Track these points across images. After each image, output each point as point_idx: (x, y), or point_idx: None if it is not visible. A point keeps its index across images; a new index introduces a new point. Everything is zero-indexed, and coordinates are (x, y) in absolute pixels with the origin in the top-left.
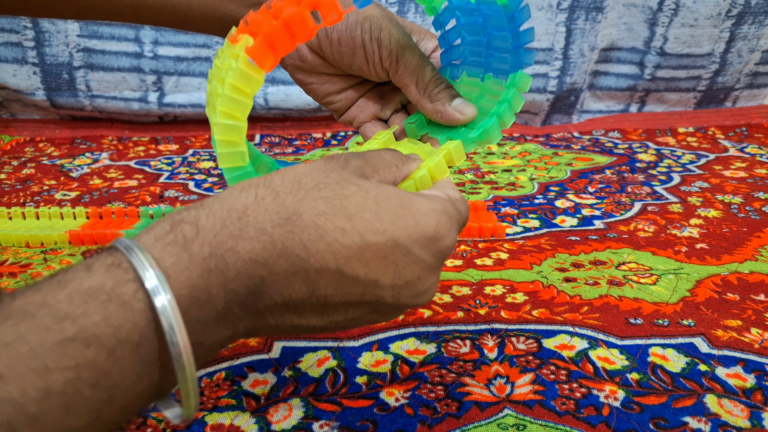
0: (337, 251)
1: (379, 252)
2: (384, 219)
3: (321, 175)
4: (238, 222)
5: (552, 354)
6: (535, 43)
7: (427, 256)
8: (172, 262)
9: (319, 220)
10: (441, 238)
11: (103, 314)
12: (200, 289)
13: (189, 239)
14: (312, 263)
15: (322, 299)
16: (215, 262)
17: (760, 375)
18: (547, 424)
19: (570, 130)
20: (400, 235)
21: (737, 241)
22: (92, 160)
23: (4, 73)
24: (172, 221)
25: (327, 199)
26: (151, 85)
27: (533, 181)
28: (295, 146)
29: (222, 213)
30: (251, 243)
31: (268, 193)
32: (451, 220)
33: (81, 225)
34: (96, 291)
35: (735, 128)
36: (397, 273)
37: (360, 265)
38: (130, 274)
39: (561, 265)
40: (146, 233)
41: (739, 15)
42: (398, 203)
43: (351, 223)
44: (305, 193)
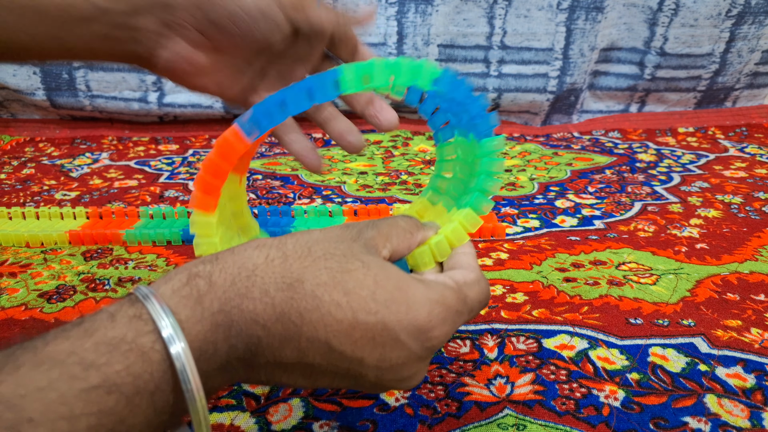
0: (328, 324)
1: (368, 332)
2: (378, 300)
3: (331, 245)
4: (246, 281)
5: (552, 354)
6: (535, 42)
7: (415, 346)
8: (187, 315)
9: (318, 291)
10: (431, 330)
11: (124, 364)
12: (209, 342)
13: (202, 294)
14: (304, 332)
15: (310, 366)
16: (223, 318)
17: (760, 375)
18: (547, 424)
19: (570, 130)
20: (391, 320)
21: (737, 241)
22: (92, 160)
23: (4, 73)
24: (189, 274)
25: (330, 271)
26: (151, 85)
27: (533, 181)
28: None
29: (234, 270)
30: (254, 303)
31: (278, 256)
32: (446, 311)
33: (81, 225)
34: (119, 341)
35: (735, 128)
36: (382, 356)
37: (348, 341)
38: (149, 325)
39: (561, 265)
40: (164, 284)
41: (739, 15)
42: (396, 286)
43: (347, 298)
44: (312, 261)
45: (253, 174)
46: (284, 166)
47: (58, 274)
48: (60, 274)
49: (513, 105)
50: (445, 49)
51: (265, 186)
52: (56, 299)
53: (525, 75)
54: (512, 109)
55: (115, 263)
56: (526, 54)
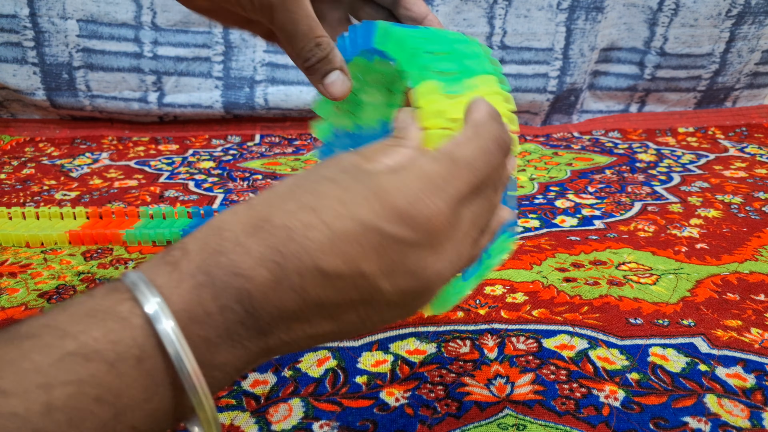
0: (309, 249)
1: (351, 239)
2: (346, 202)
3: (299, 178)
4: (217, 237)
5: (552, 354)
6: (535, 42)
7: (405, 231)
8: (164, 281)
9: (287, 220)
10: (416, 207)
11: (102, 330)
12: (195, 303)
13: (177, 260)
14: (289, 267)
15: (319, 302)
16: (203, 278)
17: (760, 375)
18: (547, 424)
19: (570, 130)
20: (366, 216)
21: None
22: (92, 160)
23: (4, 73)
24: (165, 250)
25: (296, 199)
26: (151, 85)
27: (533, 181)
28: (295, 146)
29: (204, 232)
30: (230, 256)
31: (244, 206)
32: (428, 181)
33: (81, 225)
34: (95, 310)
35: (735, 128)
36: (380, 258)
37: (337, 258)
38: (126, 294)
39: (561, 265)
40: (143, 264)
41: (739, 15)
42: (364, 185)
43: (315, 214)
44: (277, 197)
45: (253, 174)
46: (284, 166)
47: (58, 274)
48: (60, 274)
49: None
50: None
51: (265, 186)
52: (56, 299)
53: (525, 75)
54: None
55: (115, 263)
56: (526, 54)
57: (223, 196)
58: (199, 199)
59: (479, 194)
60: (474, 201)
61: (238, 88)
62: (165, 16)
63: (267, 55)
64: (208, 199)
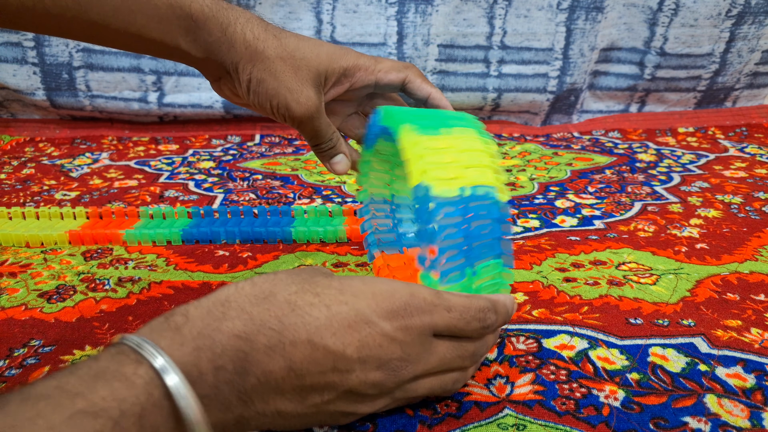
0: (308, 323)
1: (344, 321)
2: (346, 292)
3: (292, 274)
4: (221, 307)
5: (552, 354)
6: (535, 42)
7: (388, 326)
8: (167, 343)
9: (291, 297)
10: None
11: (109, 390)
12: (192, 365)
13: (180, 325)
14: (286, 335)
15: (300, 376)
16: (203, 341)
17: (760, 375)
18: (547, 424)
19: (570, 130)
20: (361, 306)
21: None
22: (92, 160)
23: (4, 73)
24: (166, 316)
25: (297, 284)
26: (151, 85)
27: (533, 181)
28: (295, 146)
29: (208, 303)
30: (233, 321)
31: (247, 284)
32: (418, 300)
33: (81, 225)
34: (102, 372)
35: (735, 128)
36: (361, 341)
37: (328, 333)
38: (132, 356)
39: (561, 265)
40: (144, 328)
41: (739, 15)
42: (361, 281)
43: (318, 298)
44: (279, 281)
45: (253, 174)
46: (284, 166)
47: (58, 274)
48: (60, 274)
49: (513, 105)
50: (445, 49)
51: (265, 186)
52: (56, 299)
53: (525, 75)
54: (512, 109)
55: (115, 263)
56: (526, 54)
57: (223, 196)
58: (199, 199)
59: (456, 341)
60: (449, 342)
61: None
62: None
63: None
64: (208, 199)
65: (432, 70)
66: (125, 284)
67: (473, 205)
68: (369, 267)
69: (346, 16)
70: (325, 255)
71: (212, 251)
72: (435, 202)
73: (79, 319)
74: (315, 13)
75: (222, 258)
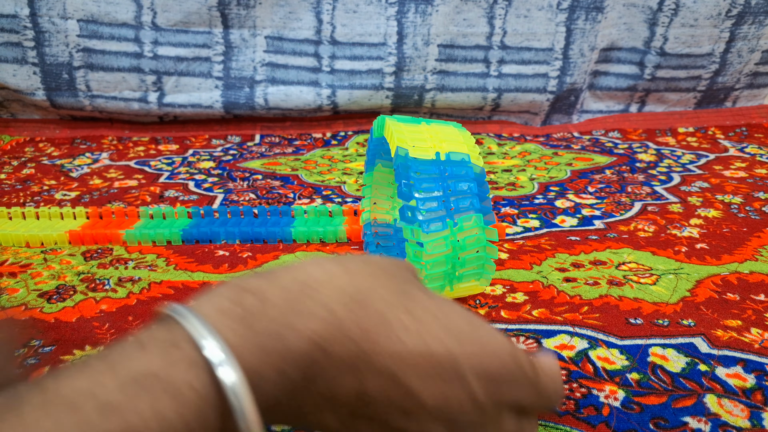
0: (396, 351)
1: (437, 366)
2: (450, 331)
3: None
4: (305, 296)
5: (552, 354)
6: (535, 42)
7: (480, 391)
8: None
9: (385, 310)
10: (503, 383)
11: (150, 404)
12: (254, 370)
13: (253, 313)
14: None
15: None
16: (274, 343)
17: (760, 375)
18: (547, 424)
19: (570, 130)
20: (461, 356)
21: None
22: (92, 160)
23: (4, 73)
24: (237, 289)
25: (395, 293)
26: (151, 85)
27: (533, 181)
28: (295, 146)
29: (291, 284)
30: (314, 321)
31: (340, 271)
32: (519, 368)
33: (81, 225)
34: (146, 376)
35: (735, 128)
36: (444, 397)
37: (415, 374)
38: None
39: (561, 265)
40: (207, 301)
41: (739, 15)
42: (466, 320)
43: (416, 324)
44: (375, 279)
45: (253, 174)
46: (284, 166)
47: (58, 274)
48: (60, 274)
49: (513, 105)
50: (445, 49)
51: (265, 186)
52: (56, 299)
53: (525, 75)
54: (512, 109)
55: (115, 263)
56: (526, 54)
57: (223, 196)
58: (199, 199)
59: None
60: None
61: (238, 88)
62: (165, 16)
63: (267, 55)
64: (208, 199)
65: (432, 70)
66: (125, 284)
67: (449, 167)
68: None
69: (346, 16)
70: (325, 255)
71: (212, 251)
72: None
73: (79, 319)
74: (315, 13)
75: (222, 258)
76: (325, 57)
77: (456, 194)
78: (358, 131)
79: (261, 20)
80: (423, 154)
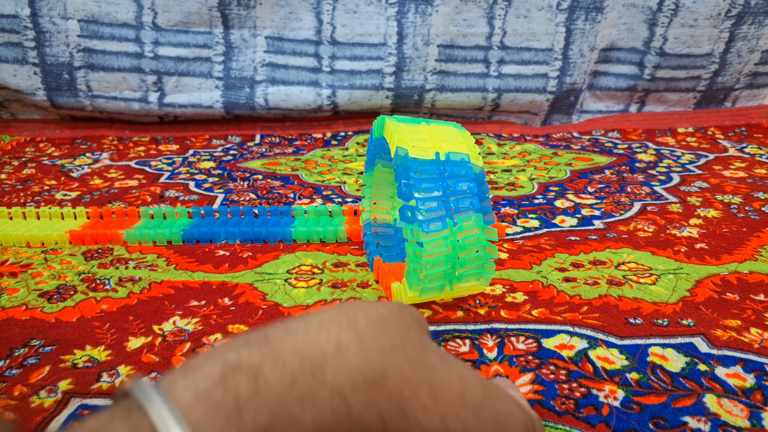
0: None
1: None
2: (468, 406)
3: (403, 327)
4: (312, 378)
5: (552, 354)
6: (534, 43)
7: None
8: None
9: (404, 389)
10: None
11: None
12: None
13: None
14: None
15: None
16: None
17: (760, 375)
18: (547, 424)
19: (570, 131)
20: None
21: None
22: (93, 160)
23: (4, 73)
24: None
25: (412, 365)
26: (152, 85)
27: (533, 181)
28: (295, 146)
29: (294, 362)
30: (322, 410)
31: (352, 340)
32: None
33: (81, 225)
34: None
35: (735, 128)
36: None
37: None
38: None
39: (561, 265)
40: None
41: (739, 15)
42: (483, 391)
43: (435, 402)
44: (392, 349)
45: (254, 174)
46: (284, 166)
47: (58, 274)
48: (60, 273)
49: (513, 105)
50: (444, 49)
51: (265, 186)
52: (57, 299)
53: (525, 75)
54: (512, 109)
55: (116, 263)
56: (526, 54)
57: (223, 196)
58: (199, 199)
59: None
60: None
61: (238, 88)
62: (166, 17)
63: (267, 56)
64: (209, 199)
65: (432, 71)
66: (126, 284)
67: (449, 167)
68: (369, 268)
69: (346, 16)
70: (326, 255)
71: (212, 251)
72: (412, 162)
73: (80, 319)
74: (315, 13)
75: (222, 258)
76: (325, 57)
77: (456, 194)
78: (358, 131)
79: (261, 20)
80: (423, 154)
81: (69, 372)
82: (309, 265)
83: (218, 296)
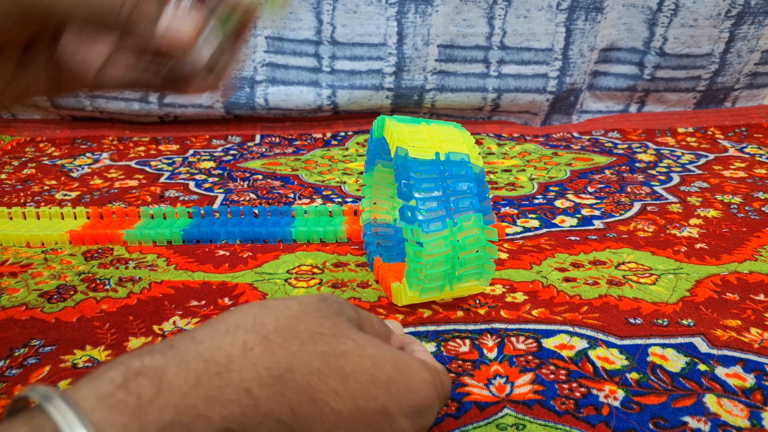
0: (326, 417)
1: (366, 419)
2: (378, 383)
3: (316, 321)
4: (217, 378)
5: (551, 354)
6: (534, 43)
7: (408, 425)
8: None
9: (312, 380)
10: (425, 411)
11: None
12: None
13: (146, 401)
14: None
15: None
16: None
17: (760, 375)
18: (547, 424)
19: (569, 131)
20: (391, 404)
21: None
22: (93, 160)
23: None
24: (126, 371)
25: (323, 355)
26: None
27: (533, 181)
28: (295, 146)
29: (198, 365)
30: (230, 407)
31: (258, 342)
32: (436, 394)
33: (81, 225)
34: None
35: (734, 128)
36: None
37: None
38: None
39: (561, 264)
40: (86, 384)
41: (739, 15)
42: (394, 366)
43: (345, 386)
44: (300, 345)
45: (254, 174)
46: (284, 167)
47: (58, 274)
48: (60, 273)
49: (513, 105)
50: (444, 49)
51: (265, 186)
52: (57, 299)
53: (525, 75)
54: (512, 110)
55: (116, 263)
56: (526, 54)
57: (223, 196)
58: (199, 199)
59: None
60: None
61: (238, 88)
62: None
63: (267, 56)
64: (209, 199)
65: (432, 71)
66: (126, 284)
67: (449, 167)
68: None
69: (346, 16)
70: (325, 255)
71: (213, 251)
72: (412, 162)
73: (80, 319)
74: (315, 13)
75: (222, 258)
76: (325, 57)
77: (456, 194)
78: (358, 131)
79: (261, 20)
80: (423, 154)
81: (69, 372)
82: (309, 265)
83: (218, 296)
